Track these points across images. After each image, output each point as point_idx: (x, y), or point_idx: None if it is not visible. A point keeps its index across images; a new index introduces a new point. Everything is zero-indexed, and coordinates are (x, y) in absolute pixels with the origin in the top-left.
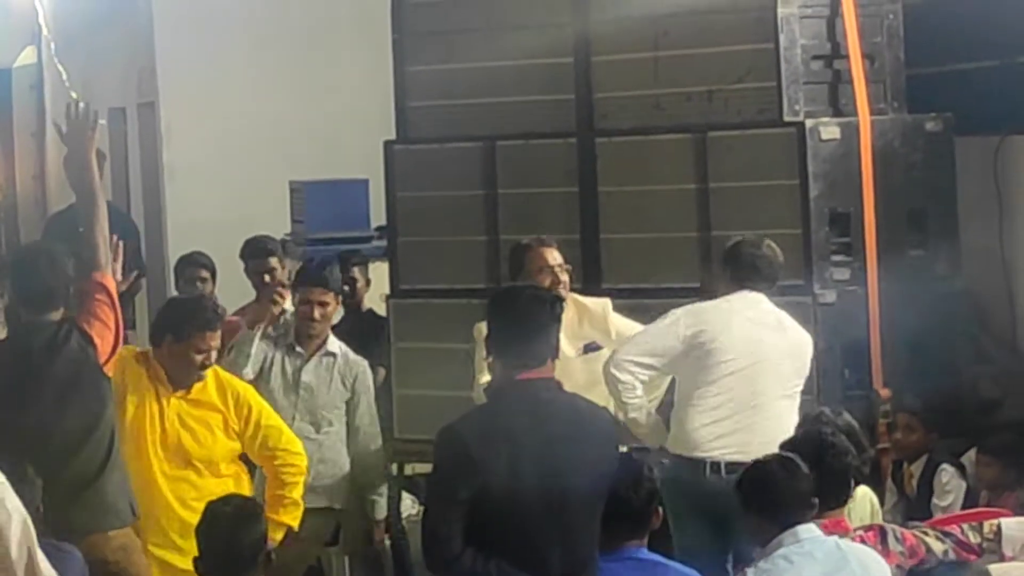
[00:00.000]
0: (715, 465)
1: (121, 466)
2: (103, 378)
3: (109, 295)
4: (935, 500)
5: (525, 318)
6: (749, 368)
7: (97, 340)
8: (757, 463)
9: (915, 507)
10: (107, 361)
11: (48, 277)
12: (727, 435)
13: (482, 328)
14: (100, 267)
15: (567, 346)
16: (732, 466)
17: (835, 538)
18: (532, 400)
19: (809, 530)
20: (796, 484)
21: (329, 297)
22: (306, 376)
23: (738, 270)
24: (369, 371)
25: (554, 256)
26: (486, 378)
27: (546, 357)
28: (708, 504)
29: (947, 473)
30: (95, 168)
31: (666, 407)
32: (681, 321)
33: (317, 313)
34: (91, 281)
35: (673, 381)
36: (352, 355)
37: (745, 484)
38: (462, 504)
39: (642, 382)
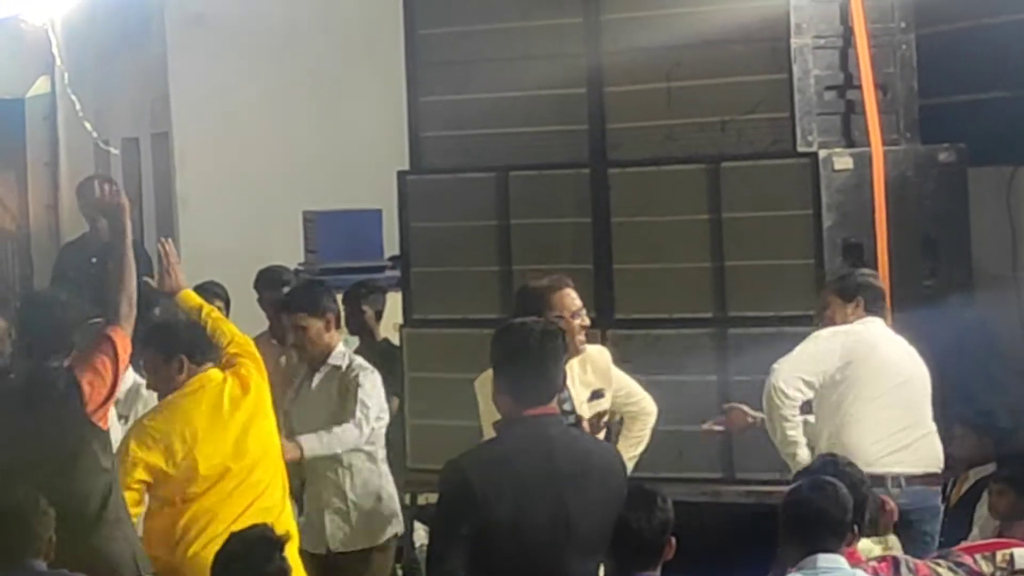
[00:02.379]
0: (896, 479)
1: (124, 521)
2: (89, 427)
3: (114, 350)
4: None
5: (532, 354)
6: (903, 387)
7: (87, 387)
8: (794, 487)
9: (953, 521)
10: (95, 411)
11: (52, 324)
12: (899, 450)
13: (485, 382)
14: (116, 322)
15: (578, 392)
16: (912, 479)
17: (859, 571)
18: (539, 436)
19: (830, 559)
20: (827, 508)
21: (308, 321)
22: (306, 391)
23: (868, 298)
24: (370, 374)
25: (576, 299)
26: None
27: (552, 393)
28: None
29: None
30: (129, 233)
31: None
32: (835, 342)
33: (294, 337)
34: (100, 333)
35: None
36: (357, 361)
37: (781, 507)
38: (465, 539)
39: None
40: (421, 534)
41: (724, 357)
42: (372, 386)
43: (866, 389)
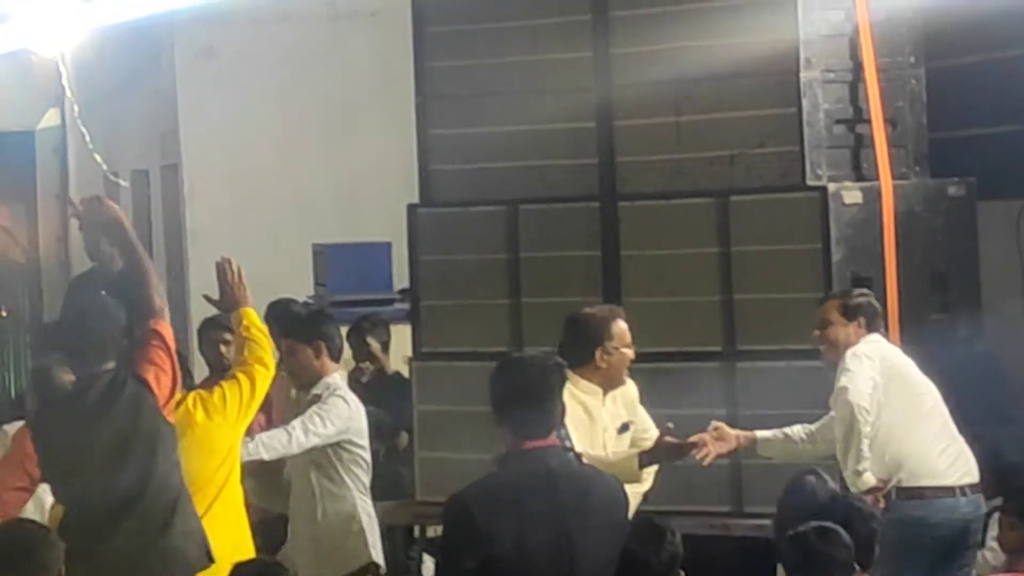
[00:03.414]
0: (963, 489)
1: (192, 512)
2: (163, 423)
3: (164, 341)
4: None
5: (533, 387)
6: (931, 396)
7: (154, 385)
8: (798, 532)
9: None
10: (166, 404)
11: (103, 330)
12: (956, 460)
13: None
14: (155, 315)
15: (609, 424)
16: (973, 488)
17: None
18: (540, 468)
19: None
20: (834, 553)
21: (297, 347)
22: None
23: (870, 317)
24: (339, 399)
25: (628, 332)
26: None
27: (552, 426)
28: (956, 530)
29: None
30: (130, 232)
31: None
32: (875, 358)
33: (285, 362)
34: (146, 329)
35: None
36: (339, 390)
37: (787, 551)
38: (470, 572)
39: None
40: (430, 566)
41: (732, 390)
42: (333, 406)
43: (911, 402)
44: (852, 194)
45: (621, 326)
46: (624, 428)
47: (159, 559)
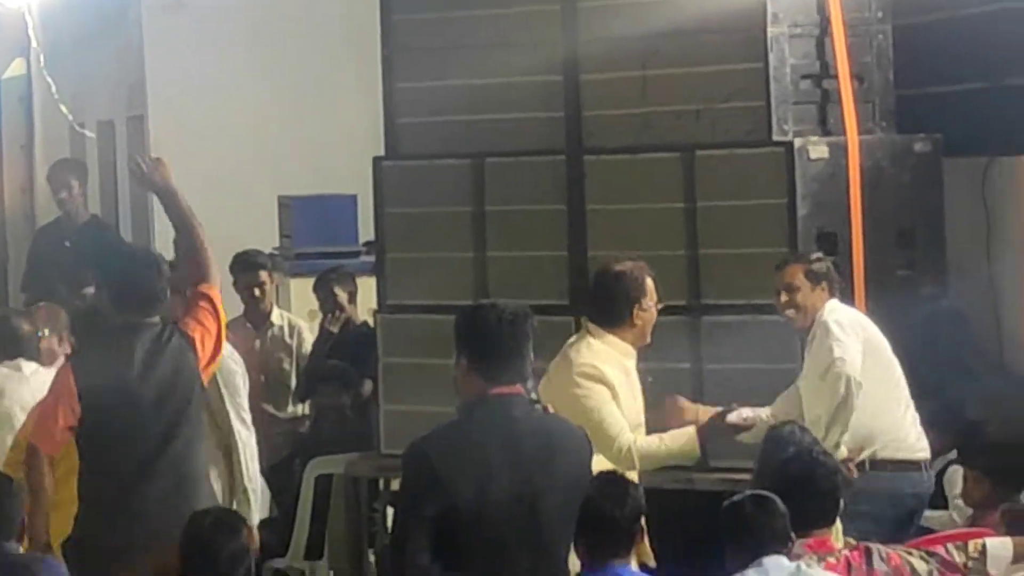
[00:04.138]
0: (926, 464)
1: (210, 489)
2: (199, 385)
3: (213, 305)
4: (953, 499)
5: (504, 333)
6: (897, 365)
7: (199, 345)
8: (733, 501)
9: None
10: (206, 366)
11: (154, 281)
12: (920, 433)
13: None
14: (208, 280)
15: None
16: (929, 463)
17: (797, 563)
18: (503, 416)
19: (773, 560)
20: (771, 522)
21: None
22: None
23: (832, 281)
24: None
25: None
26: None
27: (521, 374)
28: (918, 504)
29: (959, 471)
30: (183, 200)
31: None
32: (850, 331)
33: None
34: (196, 291)
35: None
36: None
37: (723, 519)
38: (429, 520)
39: None
40: None
41: (698, 345)
42: None
43: (885, 374)
44: (818, 149)
45: (651, 283)
46: None
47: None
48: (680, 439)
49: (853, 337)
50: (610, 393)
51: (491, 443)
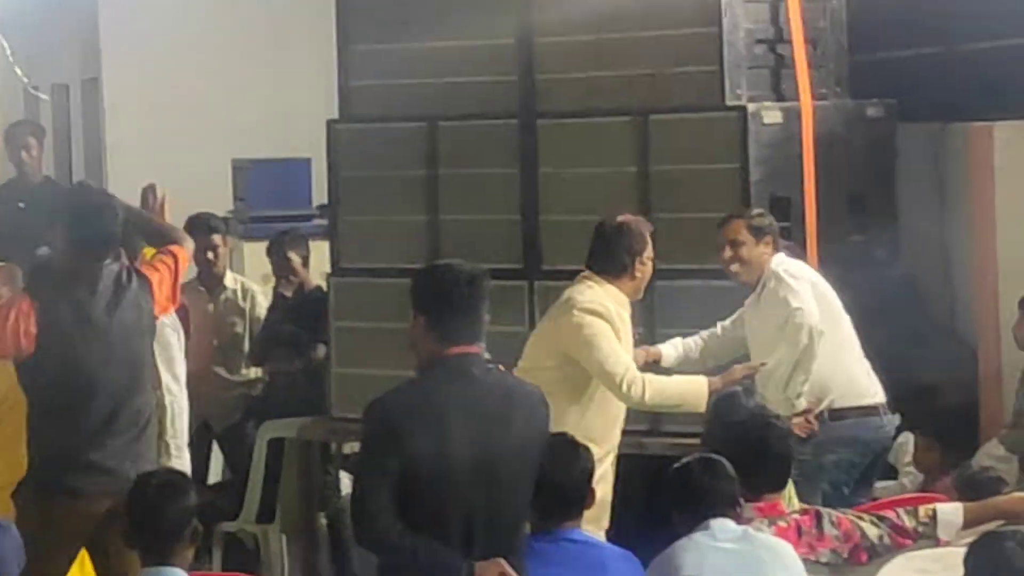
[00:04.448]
0: (884, 408)
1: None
2: (154, 326)
3: (175, 258)
4: (903, 468)
5: (463, 293)
6: (845, 314)
7: (156, 288)
8: (681, 465)
9: None
10: (158, 315)
11: (110, 223)
12: (873, 380)
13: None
14: (180, 242)
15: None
16: (886, 406)
17: (744, 527)
18: (462, 375)
19: (720, 522)
20: (718, 484)
21: None
22: None
23: (776, 235)
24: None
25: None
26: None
27: (477, 334)
28: (881, 447)
29: (911, 440)
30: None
31: None
32: (803, 281)
33: None
34: (163, 249)
35: None
36: None
37: (670, 483)
38: (389, 477)
39: None
40: (346, 483)
41: (651, 309)
42: None
43: (836, 323)
44: (772, 114)
45: (650, 237)
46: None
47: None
48: (691, 383)
49: (807, 286)
50: (612, 331)
51: (450, 402)
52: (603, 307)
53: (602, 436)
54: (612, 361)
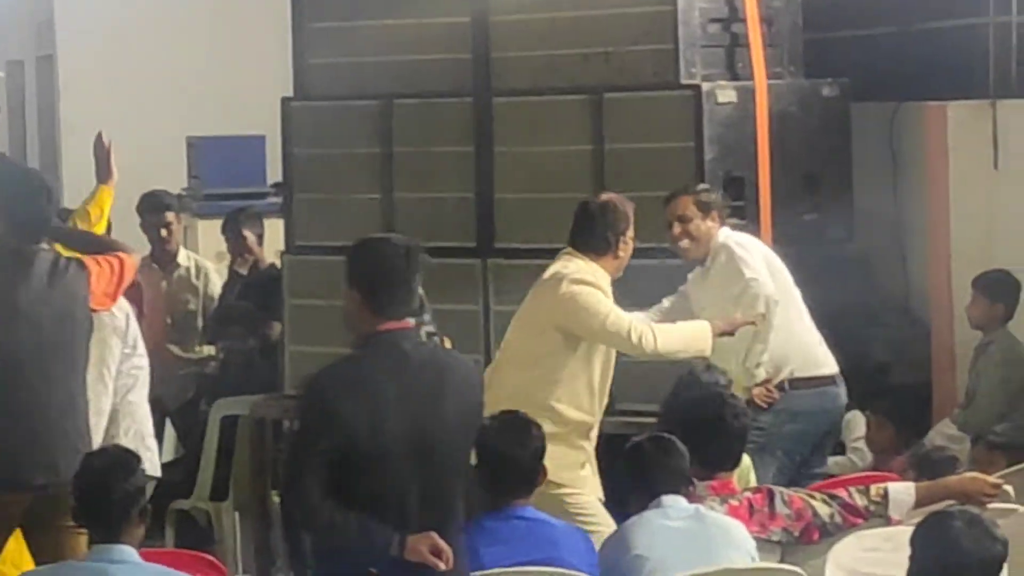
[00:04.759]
0: (837, 377)
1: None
2: (90, 316)
3: (121, 264)
4: (852, 444)
5: (396, 267)
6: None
7: (93, 279)
8: (634, 442)
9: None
10: (95, 308)
11: (43, 206)
12: (826, 351)
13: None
14: (125, 251)
15: None
16: (839, 376)
17: (696, 506)
18: (395, 351)
19: (672, 499)
20: (670, 462)
21: None
22: None
23: (722, 210)
24: None
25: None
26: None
27: (411, 309)
28: (837, 417)
29: (859, 418)
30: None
31: None
32: (754, 252)
33: None
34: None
35: None
36: None
37: (624, 461)
38: (322, 455)
39: None
40: None
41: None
42: None
43: (789, 294)
44: (726, 93)
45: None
46: None
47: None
48: (696, 327)
49: (759, 258)
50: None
51: (384, 377)
52: (593, 277)
53: (589, 407)
54: (614, 318)
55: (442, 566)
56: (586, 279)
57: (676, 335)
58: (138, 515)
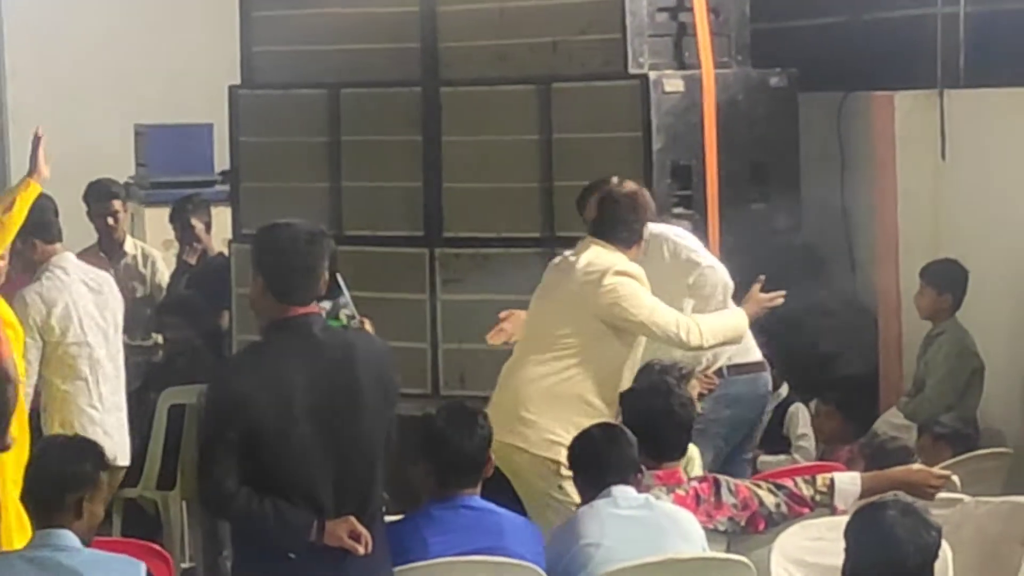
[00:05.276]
0: (765, 363)
1: None
2: None
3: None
4: (796, 440)
5: (297, 254)
6: None
7: None
8: (583, 432)
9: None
10: None
11: None
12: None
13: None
14: None
15: None
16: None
17: (646, 495)
18: (302, 336)
19: (621, 489)
20: (619, 450)
21: None
22: None
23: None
24: None
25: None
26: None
27: (316, 294)
28: (766, 402)
29: (803, 411)
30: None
31: None
32: (690, 236)
33: None
34: None
35: None
36: None
37: (572, 449)
38: (232, 444)
39: None
40: None
41: None
42: None
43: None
44: (673, 82)
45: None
46: None
47: None
48: (733, 316)
49: (700, 245)
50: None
51: (290, 362)
52: (631, 267)
53: (611, 399)
54: (660, 312)
55: (361, 550)
56: (628, 271)
57: (718, 326)
58: (74, 505)
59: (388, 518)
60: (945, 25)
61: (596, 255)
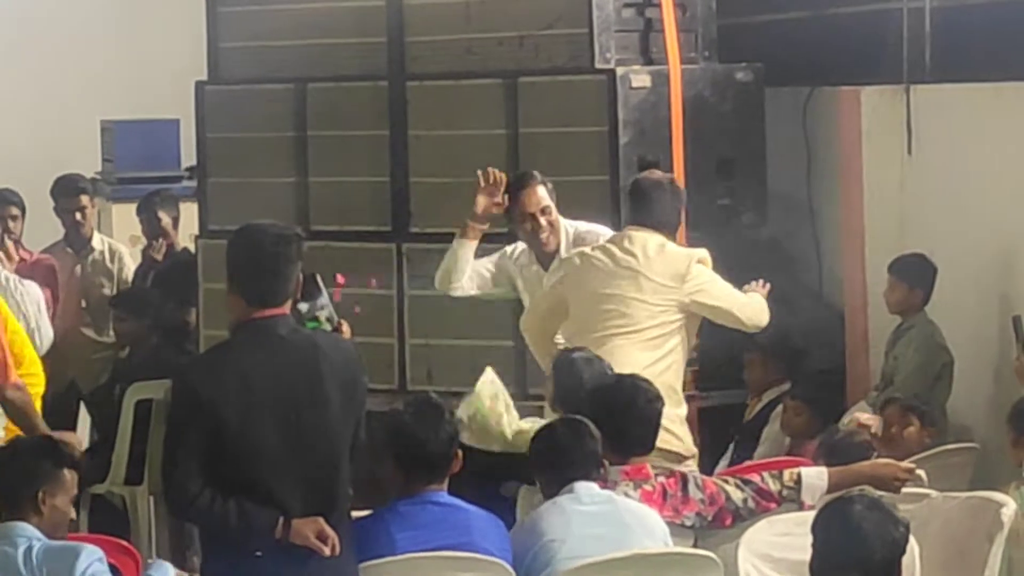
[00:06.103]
0: None
1: None
2: None
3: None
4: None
5: (268, 255)
6: None
7: None
8: (546, 425)
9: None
10: None
11: None
12: None
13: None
14: None
15: None
16: None
17: (609, 492)
18: (268, 337)
19: (584, 485)
20: (582, 445)
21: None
22: None
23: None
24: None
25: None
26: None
27: (285, 295)
28: None
29: None
30: None
31: None
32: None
33: None
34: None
35: None
36: None
37: (535, 444)
38: (196, 445)
39: None
40: None
41: None
42: None
43: None
44: (640, 78)
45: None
46: None
47: None
48: (754, 296)
49: None
50: None
51: (255, 363)
52: (703, 254)
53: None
54: (736, 297)
55: (327, 551)
56: (701, 256)
57: (760, 305)
58: (31, 501)
59: (355, 513)
60: (911, 20)
61: (660, 241)
